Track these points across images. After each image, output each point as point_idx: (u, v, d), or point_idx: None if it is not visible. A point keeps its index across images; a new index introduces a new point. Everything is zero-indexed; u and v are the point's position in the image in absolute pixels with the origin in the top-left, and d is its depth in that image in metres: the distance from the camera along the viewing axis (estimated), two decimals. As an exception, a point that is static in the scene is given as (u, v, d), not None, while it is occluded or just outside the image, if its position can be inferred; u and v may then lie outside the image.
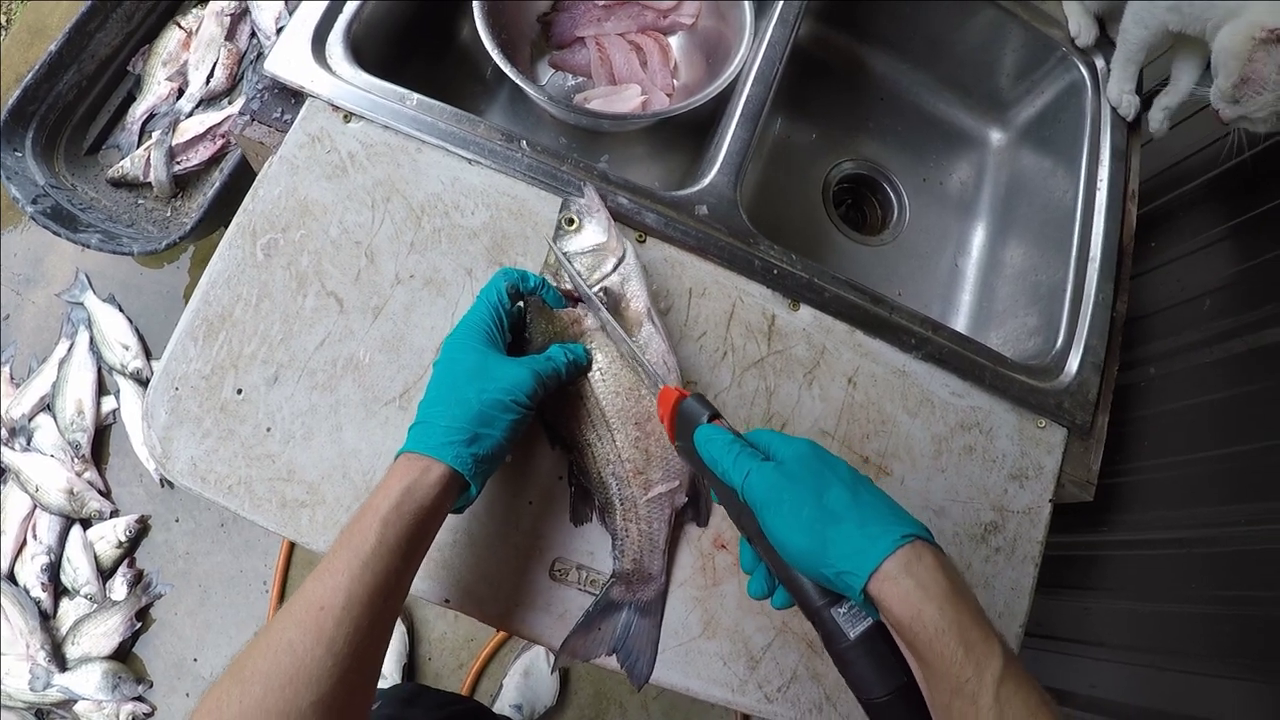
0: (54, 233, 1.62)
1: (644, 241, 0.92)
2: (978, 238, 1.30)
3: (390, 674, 1.69)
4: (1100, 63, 1.18)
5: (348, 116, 0.91)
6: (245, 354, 0.83)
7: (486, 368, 0.71)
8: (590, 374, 0.80)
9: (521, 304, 0.81)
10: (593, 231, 0.82)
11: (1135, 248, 1.11)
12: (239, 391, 0.82)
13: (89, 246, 1.62)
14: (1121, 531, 1.12)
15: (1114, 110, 1.15)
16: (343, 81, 0.92)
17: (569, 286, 0.81)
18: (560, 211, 0.84)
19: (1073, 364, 1.00)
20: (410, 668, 1.77)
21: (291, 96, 0.93)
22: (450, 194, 0.90)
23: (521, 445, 0.83)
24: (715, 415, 0.69)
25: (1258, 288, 1.02)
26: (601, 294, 0.80)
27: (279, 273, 0.85)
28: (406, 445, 0.68)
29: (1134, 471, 1.12)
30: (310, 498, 0.80)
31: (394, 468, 0.67)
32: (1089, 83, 1.18)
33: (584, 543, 0.83)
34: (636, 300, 0.81)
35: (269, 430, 0.81)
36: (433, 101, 0.92)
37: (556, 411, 0.82)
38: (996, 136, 1.33)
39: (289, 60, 0.92)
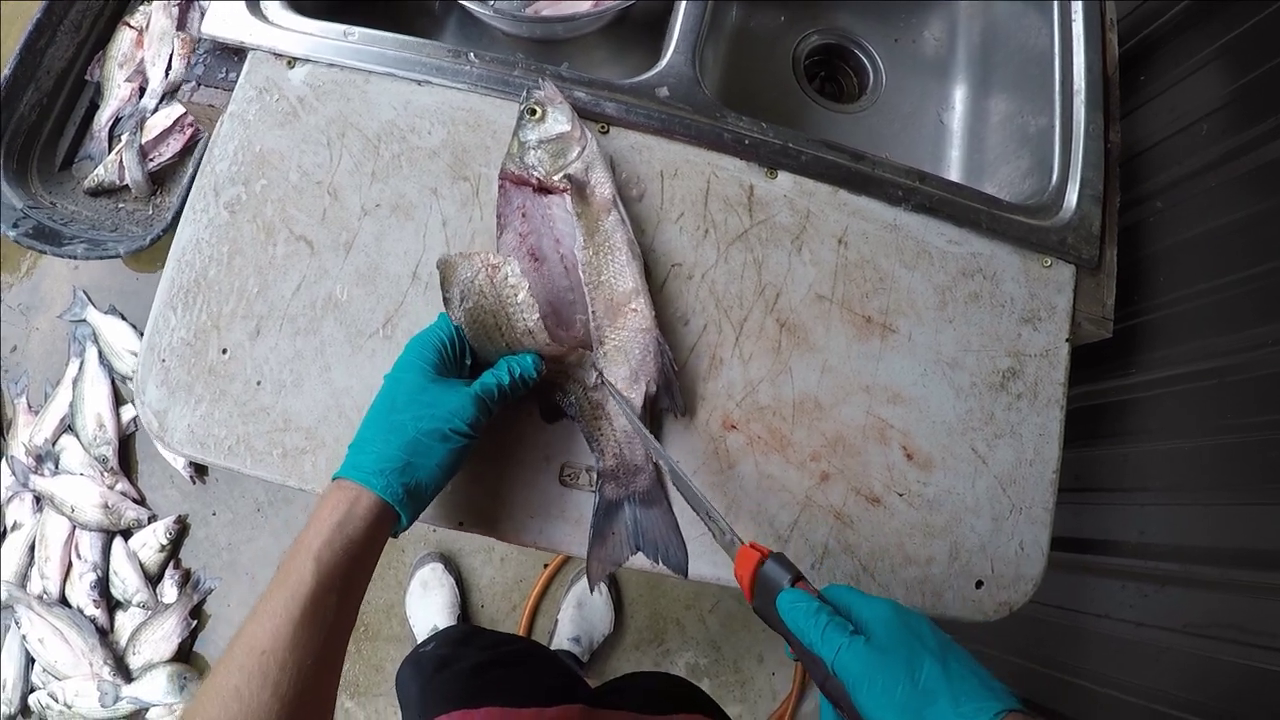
0: (40, 251, 1.62)
1: (607, 132, 0.89)
2: (959, 91, 1.25)
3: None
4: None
5: (291, 62, 0.89)
6: (225, 313, 0.82)
7: (426, 392, 0.69)
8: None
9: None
10: (556, 120, 0.80)
11: (1125, 83, 1.07)
12: (224, 351, 0.81)
13: (76, 257, 1.62)
14: (1149, 371, 1.10)
15: (1081, -60, 1.09)
16: (281, 29, 0.90)
17: (540, 175, 0.79)
18: (521, 102, 0.82)
19: (1071, 198, 0.96)
20: (464, 618, 1.79)
21: (233, 54, 0.92)
22: (404, 118, 0.87)
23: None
24: (798, 577, 0.65)
25: (1253, 104, 0.98)
26: (565, 181, 0.77)
27: (246, 227, 0.84)
28: (342, 468, 0.67)
29: (1154, 309, 1.09)
30: (310, 443, 0.80)
31: (327, 495, 0.66)
32: (1051, -85, 1.12)
33: (590, 443, 0.82)
34: (602, 187, 0.79)
35: (259, 384, 0.81)
36: (374, 31, 0.90)
37: None
38: (964, -12, 1.28)
39: (225, 19, 0.90)
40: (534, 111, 0.80)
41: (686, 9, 0.95)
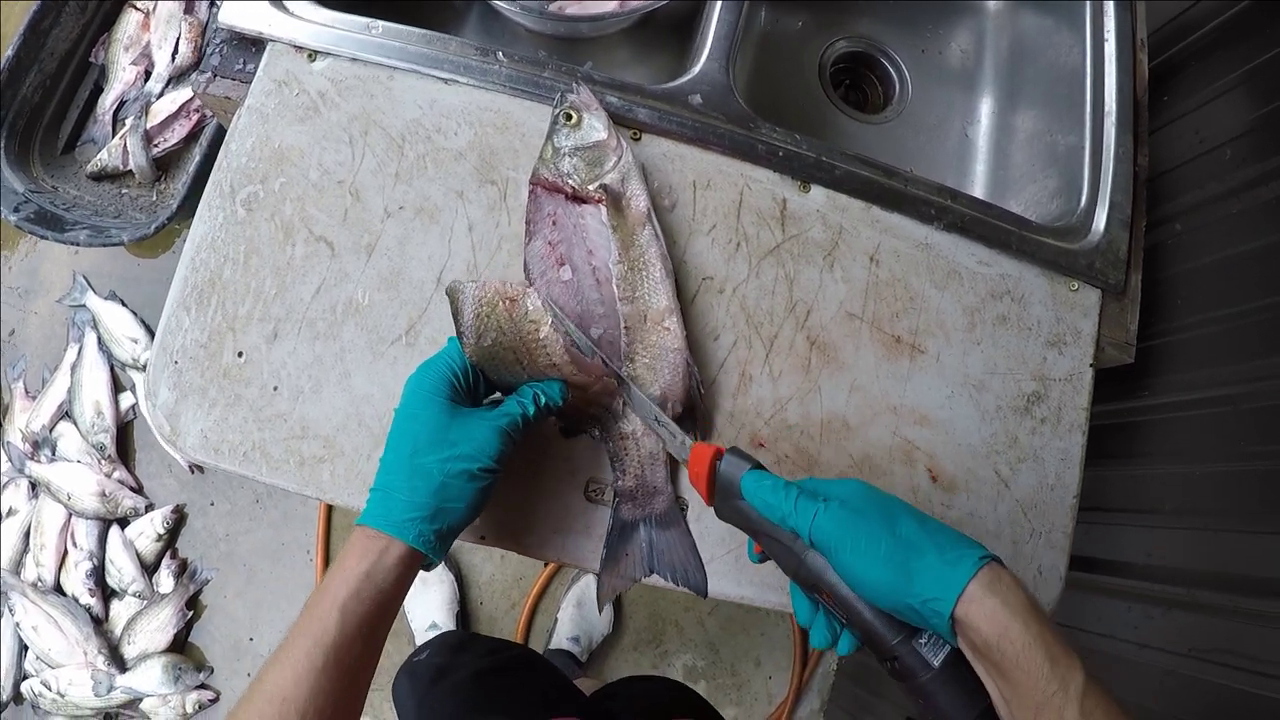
0: (41, 236, 1.60)
1: (639, 139, 0.87)
2: (985, 105, 1.24)
3: (444, 624, 1.70)
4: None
5: (312, 55, 0.87)
6: (241, 315, 0.80)
7: (448, 430, 0.65)
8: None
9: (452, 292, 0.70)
10: (591, 126, 0.78)
11: (1148, 103, 1.06)
12: (240, 354, 0.79)
13: (78, 244, 1.60)
14: (1164, 394, 1.09)
15: (1114, -44, 1.08)
16: (302, 20, 0.88)
17: (574, 183, 0.77)
18: (556, 107, 0.80)
19: (1099, 222, 0.96)
20: (463, 615, 1.78)
21: (251, 45, 0.89)
22: (430, 117, 0.85)
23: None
24: (757, 465, 0.65)
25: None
26: (601, 190, 0.76)
27: (263, 226, 0.82)
28: (366, 516, 0.65)
29: (1170, 332, 1.09)
30: (328, 452, 0.78)
31: (352, 543, 0.64)
32: (1085, -70, 1.11)
33: (616, 460, 0.80)
34: (637, 199, 0.77)
35: (276, 389, 0.79)
36: (399, 26, 0.88)
37: None
38: (993, 4, 1.27)
39: (243, 8, 0.88)
40: (570, 116, 0.78)
41: (721, 15, 0.93)
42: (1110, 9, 1.06)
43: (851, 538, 0.58)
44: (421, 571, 0.67)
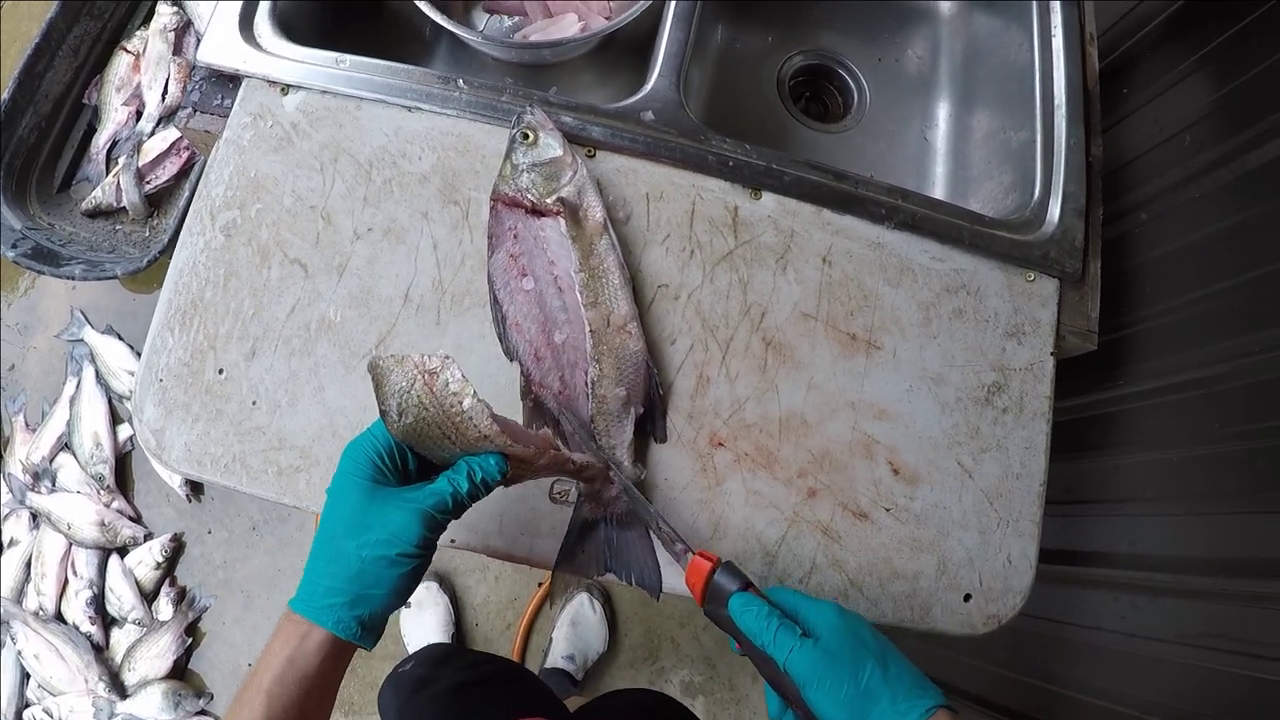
0: (38, 271, 1.64)
1: (593, 156, 0.91)
2: (942, 108, 1.27)
3: (438, 645, 1.70)
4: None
5: (285, 89, 0.91)
6: (221, 334, 0.83)
7: (366, 515, 0.61)
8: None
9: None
10: (548, 144, 0.82)
11: (1108, 96, 1.08)
12: (220, 371, 0.83)
13: (74, 278, 1.64)
14: (1138, 382, 1.10)
15: (1059, -44, 1.11)
16: (275, 56, 0.92)
17: (533, 197, 0.80)
18: (513, 127, 0.84)
19: (1053, 213, 0.97)
20: (458, 636, 1.79)
21: (229, 81, 0.94)
22: (395, 144, 0.89)
23: (505, 368, 0.83)
24: (746, 584, 0.68)
25: (1234, 114, 0.99)
26: (559, 203, 0.79)
27: (241, 250, 0.86)
28: (294, 597, 0.62)
29: (1140, 320, 1.10)
30: (304, 461, 0.81)
31: (279, 627, 0.62)
32: (1030, -67, 1.14)
33: (581, 461, 0.82)
34: (594, 210, 0.81)
35: (255, 403, 0.82)
36: (366, 59, 0.92)
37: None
38: (946, 5, 1.30)
39: (220, 47, 0.93)
40: (526, 136, 0.82)
41: (670, 33, 0.97)
42: (1056, 5, 1.08)
43: (819, 677, 0.62)
44: (416, 594, 0.66)
